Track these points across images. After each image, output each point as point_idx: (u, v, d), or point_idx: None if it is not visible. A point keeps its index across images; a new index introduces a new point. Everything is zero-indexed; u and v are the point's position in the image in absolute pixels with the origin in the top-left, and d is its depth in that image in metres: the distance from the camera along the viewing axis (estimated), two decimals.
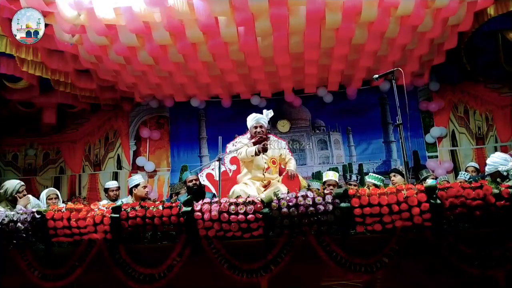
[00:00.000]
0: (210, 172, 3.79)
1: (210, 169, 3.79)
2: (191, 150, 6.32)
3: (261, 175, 3.36)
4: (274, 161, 3.29)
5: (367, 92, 6.00)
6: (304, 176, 5.88)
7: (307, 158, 6.19)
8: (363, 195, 2.27)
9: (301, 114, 6.38)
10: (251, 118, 3.59)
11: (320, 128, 6.36)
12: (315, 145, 6.24)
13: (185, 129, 6.37)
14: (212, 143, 6.16)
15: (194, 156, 6.30)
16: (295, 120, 6.38)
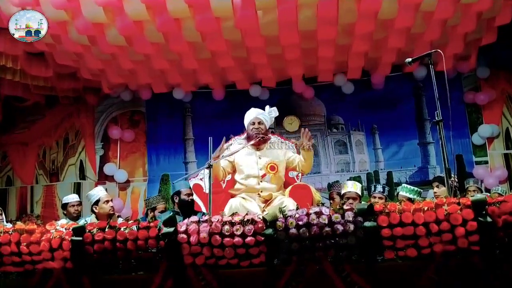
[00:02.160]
0: (198, 182, 3.78)
1: (198, 178, 3.79)
2: (174, 155, 6.34)
3: (255, 185, 3.38)
4: (273, 166, 3.29)
5: (398, 81, 5.99)
6: (318, 188, 5.91)
7: (321, 164, 6.18)
8: (393, 211, 2.27)
9: (313, 109, 6.39)
10: (249, 113, 3.60)
11: (338, 127, 6.35)
12: (331, 148, 6.28)
13: (166, 128, 6.37)
14: (200, 146, 6.19)
15: (177, 162, 6.32)
16: (306, 116, 6.38)
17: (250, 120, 3.43)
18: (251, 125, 3.40)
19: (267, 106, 3.53)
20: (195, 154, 6.39)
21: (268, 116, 3.47)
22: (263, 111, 3.47)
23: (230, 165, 3.35)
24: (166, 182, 6.21)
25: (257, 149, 3.40)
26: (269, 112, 3.51)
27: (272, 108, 3.50)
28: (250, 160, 3.35)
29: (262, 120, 3.40)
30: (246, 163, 3.35)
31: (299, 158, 3.36)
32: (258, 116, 3.41)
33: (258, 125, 3.35)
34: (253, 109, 3.53)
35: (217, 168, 3.22)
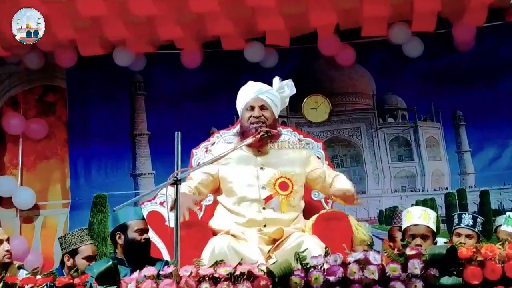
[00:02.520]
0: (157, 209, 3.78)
1: (157, 203, 3.78)
2: (115, 163, 6.42)
3: (254, 214, 3.35)
4: (286, 183, 3.23)
5: (498, 37, 6.01)
6: (361, 218, 5.95)
7: (367, 179, 6.25)
8: (491, 259, 2.31)
9: (354, 83, 6.44)
10: (245, 91, 3.55)
11: (396, 114, 6.41)
12: (385, 151, 6.32)
13: (102, 116, 6.45)
14: (160, 147, 6.24)
15: (121, 174, 6.40)
16: (342, 97, 6.43)
17: (247, 103, 3.37)
18: (248, 112, 3.35)
19: (275, 78, 3.48)
20: (151, 160, 6.40)
21: (277, 95, 3.42)
22: (269, 88, 3.42)
23: (211, 180, 3.32)
24: (102, 208, 6.22)
25: (258, 153, 3.37)
26: (279, 88, 3.46)
27: (285, 82, 3.45)
28: (246, 172, 3.32)
29: (267, 103, 3.33)
30: (239, 177, 3.31)
31: (337, 179, 3.39)
32: (260, 96, 3.35)
33: (260, 112, 3.31)
34: (251, 84, 3.48)
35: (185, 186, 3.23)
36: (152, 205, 3.79)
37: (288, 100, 3.59)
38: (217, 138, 3.83)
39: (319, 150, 3.81)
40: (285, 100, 3.57)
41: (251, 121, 3.40)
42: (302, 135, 3.88)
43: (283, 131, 3.73)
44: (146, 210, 3.74)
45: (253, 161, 3.40)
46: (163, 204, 3.68)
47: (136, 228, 3.61)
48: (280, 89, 3.50)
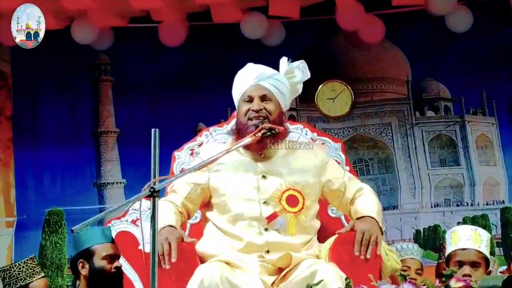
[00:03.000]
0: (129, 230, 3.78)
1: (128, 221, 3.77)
2: (73, 169, 6.47)
3: (254, 236, 3.33)
4: (295, 197, 3.20)
5: None
6: (393, 239, 5.96)
7: (400, 189, 6.32)
8: None
9: (383, 65, 6.52)
10: (241, 78, 3.52)
11: (437, 105, 6.48)
12: (423, 153, 6.37)
13: (57, 109, 6.52)
14: (132, 148, 6.28)
15: (81, 183, 6.44)
16: (368, 83, 6.53)
17: (244, 93, 3.34)
18: (246, 104, 3.32)
19: (283, 59, 3.47)
20: (120, 166, 6.46)
21: (284, 81, 3.40)
22: (273, 72, 3.40)
23: (200, 192, 3.31)
24: (57, 228, 6.23)
25: (259, 158, 3.35)
26: (287, 72, 3.44)
27: (296, 64, 3.41)
28: (243, 182, 3.36)
29: (270, 93, 3.30)
30: (234, 188, 3.33)
31: (352, 193, 3.35)
32: (261, 83, 3.31)
33: (261, 104, 3.28)
34: (250, 68, 3.45)
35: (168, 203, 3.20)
36: (122, 223, 3.77)
37: (301, 87, 3.56)
38: (206, 137, 3.81)
39: (338, 153, 3.78)
40: (296, 88, 3.52)
41: (249, 115, 3.37)
42: (316, 133, 3.84)
43: (291, 128, 3.70)
44: (114, 230, 3.72)
45: (252, 167, 3.38)
46: (136, 223, 3.67)
47: (104, 254, 3.60)
48: (289, 73, 3.47)
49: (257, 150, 3.39)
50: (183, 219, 3.35)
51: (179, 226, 3.29)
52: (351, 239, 3.32)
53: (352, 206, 3.38)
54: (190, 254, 3.32)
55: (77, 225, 2.98)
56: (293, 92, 3.52)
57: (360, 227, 3.18)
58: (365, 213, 3.28)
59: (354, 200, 3.40)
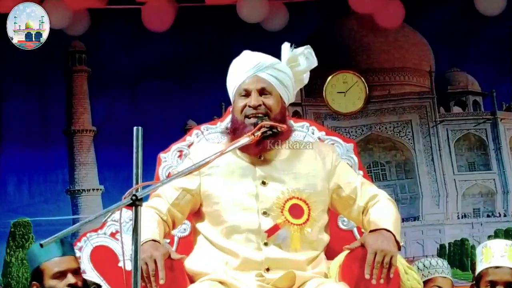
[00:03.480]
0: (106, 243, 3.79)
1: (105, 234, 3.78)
2: (43, 173, 6.48)
3: (251, 252, 3.31)
4: (299, 206, 3.16)
5: None
6: (415, 257, 5.95)
7: (422, 198, 6.34)
8: None
9: (402, 54, 6.54)
10: (237, 68, 3.50)
11: (464, 99, 6.49)
12: (448, 157, 6.39)
13: (24, 104, 6.52)
14: (110, 150, 6.31)
15: (52, 190, 6.46)
16: (384, 74, 6.56)
17: (240, 86, 3.32)
18: (242, 99, 3.30)
19: (285, 45, 3.46)
20: (97, 170, 6.47)
21: (286, 71, 3.38)
22: (273, 60, 3.37)
23: (189, 198, 3.30)
24: (23, 242, 6.22)
25: (258, 161, 3.34)
26: (290, 60, 3.42)
27: (300, 50, 3.38)
28: (239, 189, 3.36)
29: (270, 85, 3.29)
30: (229, 195, 3.29)
31: (365, 201, 3.32)
32: (260, 74, 3.28)
33: (259, 99, 3.26)
34: (247, 57, 3.44)
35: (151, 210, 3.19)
36: (99, 237, 3.77)
37: (307, 77, 3.56)
38: (197, 136, 3.80)
39: (350, 155, 3.77)
40: (301, 78, 3.50)
41: (246, 112, 3.35)
42: (324, 132, 3.82)
43: (296, 125, 3.71)
44: (90, 245, 3.73)
45: (250, 172, 3.37)
46: (115, 236, 3.69)
47: (55, 271, 3.55)
48: (292, 62, 3.45)
49: (255, 152, 3.36)
50: (167, 229, 3.33)
51: (161, 236, 3.25)
52: (365, 256, 3.33)
53: (365, 216, 3.36)
54: (178, 273, 3.28)
55: (47, 239, 3.01)
56: (297, 83, 3.49)
57: (372, 245, 3.10)
58: (380, 224, 3.23)
59: (367, 209, 3.37)
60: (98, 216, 3.74)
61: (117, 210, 2.93)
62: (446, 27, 6.38)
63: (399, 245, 3.16)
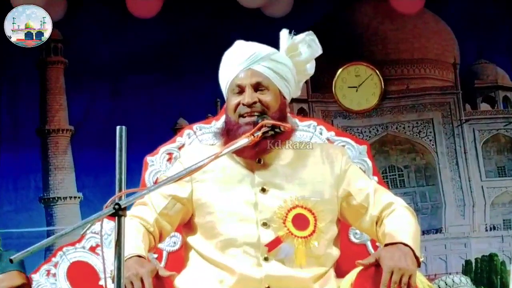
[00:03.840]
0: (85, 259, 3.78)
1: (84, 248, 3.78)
2: (13, 179, 6.50)
3: (253, 268, 3.28)
4: (304, 216, 3.18)
5: None
6: (437, 275, 6.00)
7: (445, 207, 6.37)
8: None
9: (423, 43, 6.58)
10: (229, 61, 3.48)
11: (493, 95, 6.53)
12: (475, 160, 6.41)
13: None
14: (90, 152, 6.33)
15: (24, 198, 6.48)
16: (403, 66, 6.58)
17: (232, 81, 3.32)
18: (235, 96, 3.29)
19: (283, 32, 3.45)
20: (75, 176, 6.50)
21: (286, 62, 3.38)
22: (270, 50, 3.36)
23: (179, 208, 3.29)
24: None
25: (256, 165, 3.34)
26: (290, 49, 3.42)
27: (301, 37, 3.39)
28: (236, 197, 3.30)
29: (266, 78, 3.28)
30: (225, 204, 3.29)
31: (379, 210, 3.29)
32: (254, 66, 3.29)
33: (254, 95, 3.25)
34: (240, 47, 3.43)
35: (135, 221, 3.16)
36: (77, 251, 3.79)
37: (313, 67, 3.55)
38: (188, 137, 3.80)
39: (363, 158, 3.77)
40: (304, 68, 3.50)
41: (240, 111, 3.35)
42: (333, 132, 3.82)
43: (302, 125, 3.72)
44: (66, 260, 3.73)
45: (248, 178, 3.37)
46: (95, 250, 3.68)
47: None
48: (292, 51, 3.45)
49: (251, 155, 3.35)
50: (153, 243, 3.31)
51: (146, 250, 3.20)
52: (379, 274, 3.32)
53: (380, 227, 3.34)
54: None
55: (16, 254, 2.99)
56: (301, 74, 3.48)
57: (388, 262, 3.06)
58: (396, 237, 3.19)
59: (382, 219, 3.35)
60: (76, 227, 3.73)
61: (97, 221, 2.93)
62: (472, 12, 6.41)
63: (418, 261, 3.11)
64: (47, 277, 4.06)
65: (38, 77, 6.63)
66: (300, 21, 5.88)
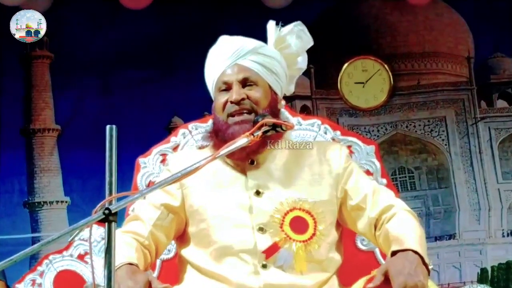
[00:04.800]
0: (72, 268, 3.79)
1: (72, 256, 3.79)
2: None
3: (250, 276, 3.28)
4: (303, 219, 3.18)
5: None
6: (450, 285, 6.02)
7: (459, 212, 6.37)
8: None
9: (434, 36, 6.60)
10: (214, 57, 3.48)
11: (510, 91, 6.54)
12: (491, 161, 6.43)
13: None
14: (78, 153, 6.33)
15: (7, 203, 6.47)
16: (413, 60, 6.61)
17: (218, 79, 3.33)
18: (222, 94, 3.28)
19: (270, 23, 3.44)
20: (61, 179, 6.51)
21: (274, 55, 3.39)
22: (256, 44, 3.36)
23: (171, 218, 3.28)
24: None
25: (249, 166, 3.34)
26: (278, 42, 3.43)
27: (287, 29, 3.33)
28: (229, 202, 3.29)
29: (254, 73, 3.29)
30: (218, 210, 3.27)
31: (377, 212, 3.28)
32: (240, 61, 3.28)
33: (241, 91, 3.25)
34: (225, 42, 3.43)
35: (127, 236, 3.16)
36: (65, 259, 3.80)
37: (305, 61, 3.56)
38: (184, 137, 3.79)
39: (371, 159, 3.78)
40: (295, 61, 3.52)
41: (228, 110, 3.35)
42: (339, 132, 3.82)
43: (305, 124, 3.74)
44: (53, 269, 3.74)
45: (241, 180, 3.36)
46: (83, 258, 3.68)
47: None
48: (280, 43, 3.47)
49: (242, 157, 3.36)
50: (149, 258, 3.28)
51: (141, 265, 3.17)
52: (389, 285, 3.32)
53: (379, 231, 3.33)
54: None
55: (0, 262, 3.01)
56: (292, 69, 3.51)
57: (398, 279, 2.99)
58: (403, 242, 3.17)
59: (381, 223, 3.32)
60: (63, 234, 3.74)
61: (86, 227, 2.92)
62: (488, 3, 6.42)
63: (427, 268, 3.08)
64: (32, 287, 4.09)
65: (22, 73, 6.64)
66: (302, 12, 5.86)
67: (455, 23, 6.52)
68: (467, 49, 6.53)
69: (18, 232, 6.28)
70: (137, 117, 5.96)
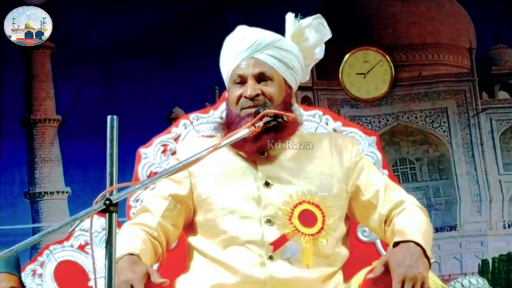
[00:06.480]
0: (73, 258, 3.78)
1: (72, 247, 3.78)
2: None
3: (256, 268, 3.27)
4: (311, 212, 3.18)
5: None
6: (451, 275, 6.01)
7: (460, 203, 6.38)
8: None
9: (436, 26, 6.58)
10: (230, 48, 3.48)
11: (511, 82, 6.52)
12: (492, 153, 6.43)
13: None
14: (79, 144, 6.34)
15: (7, 193, 6.47)
16: (414, 51, 6.60)
17: (233, 71, 3.33)
18: (236, 87, 3.28)
19: (288, 15, 3.43)
20: (62, 169, 6.51)
21: (292, 49, 3.37)
22: (274, 37, 3.34)
23: (179, 208, 3.28)
24: None
25: (259, 158, 3.32)
26: (296, 35, 3.41)
27: (308, 20, 3.37)
28: (238, 193, 3.30)
29: (270, 68, 3.27)
30: (226, 200, 3.27)
31: (389, 207, 3.27)
32: (256, 54, 3.26)
33: (256, 86, 3.24)
34: (242, 33, 3.41)
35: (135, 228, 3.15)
36: (65, 250, 3.79)
37: (322, 51, 3.54)
38: (185, 127, 3.79)
39: (372, 150, 3.77)
40: (312, 53, 3.51)
41: (242, 104, 3.35)
42: (340, 122, 3.82)
43: (306, 115, 3.72)
44: (53, 260, 3.74)
45: (251, 171, 3.35)
46: (84, 249, 3.68)
47: None
48: (298, 36, 3.44)
49: (254, 149, 3.36)
50: (160, 249, 3.26)
51: (150, 255, 3.18)
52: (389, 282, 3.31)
53: (388, 227, 3.33)
54: None
55: (0, 252, 3.00)
56: (308, 59, 3.49)
57: (397, 269, 3.01)
58: (406, 234, 3.16)
59: (391, 218, 3.33)
60: (63, 224, 3.74)
61: (87, 218, 2.92)
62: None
63: (429, 261, 3.08)
64: (33, 278, 4.07)
65: (23, 63, 6.63)
66: (306, 2, 5.86)
67: (457, 14, 6.51)
68: (468, 40, 6.51)
69: (19, 222, 6.28)
70: (138, 108, 5.96)
